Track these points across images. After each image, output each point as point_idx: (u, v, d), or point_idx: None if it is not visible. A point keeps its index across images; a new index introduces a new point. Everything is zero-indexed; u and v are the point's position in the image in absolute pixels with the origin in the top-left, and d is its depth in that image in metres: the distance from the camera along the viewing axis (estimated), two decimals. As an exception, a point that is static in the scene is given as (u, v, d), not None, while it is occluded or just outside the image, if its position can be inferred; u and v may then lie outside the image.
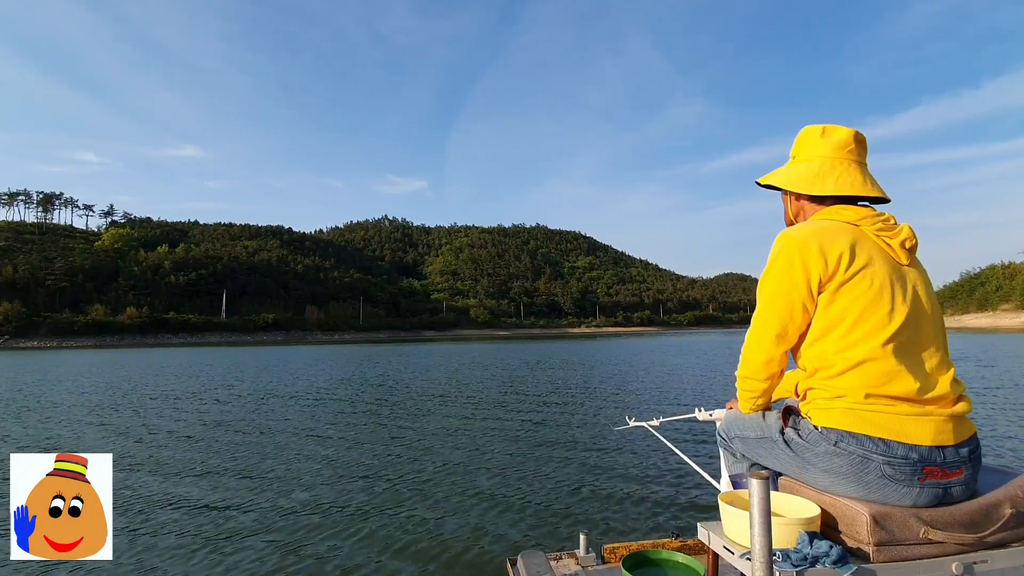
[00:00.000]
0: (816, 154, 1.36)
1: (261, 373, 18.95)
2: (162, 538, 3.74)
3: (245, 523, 4.01)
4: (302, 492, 4.76)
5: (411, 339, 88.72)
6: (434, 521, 3.99)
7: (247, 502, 4.50)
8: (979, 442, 1.22)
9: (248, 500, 4.55)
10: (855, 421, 1.15)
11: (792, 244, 1.23)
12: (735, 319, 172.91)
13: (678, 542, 2.22)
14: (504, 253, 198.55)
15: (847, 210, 1.29)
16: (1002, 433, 6.52)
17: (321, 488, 4.86)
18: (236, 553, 3.48)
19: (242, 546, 3.58)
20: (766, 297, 1.28)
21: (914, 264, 1.27)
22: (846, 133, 1.34)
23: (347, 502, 4.47)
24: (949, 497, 1.14)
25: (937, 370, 1.19)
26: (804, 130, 1.41)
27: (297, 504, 4.43)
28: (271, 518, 4.11)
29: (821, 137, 1.37)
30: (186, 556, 3.45)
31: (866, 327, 1.16)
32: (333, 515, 4.16)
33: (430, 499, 4.51)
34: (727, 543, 1.17)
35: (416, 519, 4.04)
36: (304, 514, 4.18)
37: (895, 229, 1.26)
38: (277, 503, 4.46)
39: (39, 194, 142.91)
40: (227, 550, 3.52)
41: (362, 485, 4.95)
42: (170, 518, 4.14)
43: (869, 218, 1.27)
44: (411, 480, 5.10)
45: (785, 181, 1.40)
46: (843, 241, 1.20)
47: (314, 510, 4.27)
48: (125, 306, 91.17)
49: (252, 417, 9.13)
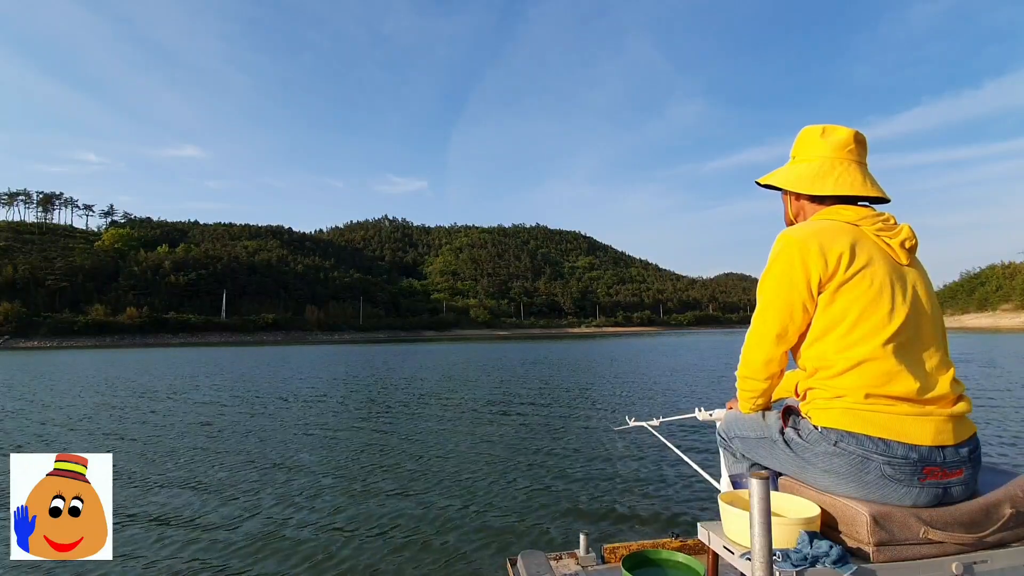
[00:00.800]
0: (816, 154, 1.36)
1: (261, 373, 18.95)
2: (162, 538, 3.74)
3: (245, 523, 4.01)
4: (301, 492, 4.76)
5: (411, 339, 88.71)
6: (434, 521, 3.99)
7: (247, 502, 4.50)
8: (979, 442, 1.22)
9: (248, 500, 4.55)
10: (855, 421, 1.14)
11: (792, 244, 1.22)
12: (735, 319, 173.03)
13: (678, 542, 2.21)
14: (504, 253, 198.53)
15: (847, 210, 1.28)
16: (1002, 433, 6.53)
17: (321, 488, 4.86)
18: (236, 553, 3.48)
19: (242, 546, 3.58)
20: (766, 297, 1.27)
21: (914, 264, 1.26)
22: (846, 133, 1.34)
23: (347, 502, 4.47)
24: (949, 497, 1.13)
25: (937, 370, 1.18)
26: (804, 130, 1.40)
27: (296, 504, 4.43)
28: (271, 518, 4.11)
29: (821, 137, 1.36)
30: (186, 556, 3.45)
31: (866, 327, 1.16)
32: (333, 515, 4.16)
33: (430, 499, 4.51)
34: (727, 543, 1.17)
35: (416, 519, 4.04)
36: (304, 514, 4.18)
37: (895, 229, 1.25)
38: (277, 502, 4.46)
39: (39, 194, 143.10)
40: (227, 550, 3.52)
41: (362, 485, 4.95)
42: (170, 518, 4.14)
43: (869, 218, 1.26)
44: (411, 480, 5.09)
45: (785, 181, 1.40)
46: (843, 241, 1.20)
47: (314, 510, 4.28)
48: (125, 306, 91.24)
49: (252, 417, 9.13)
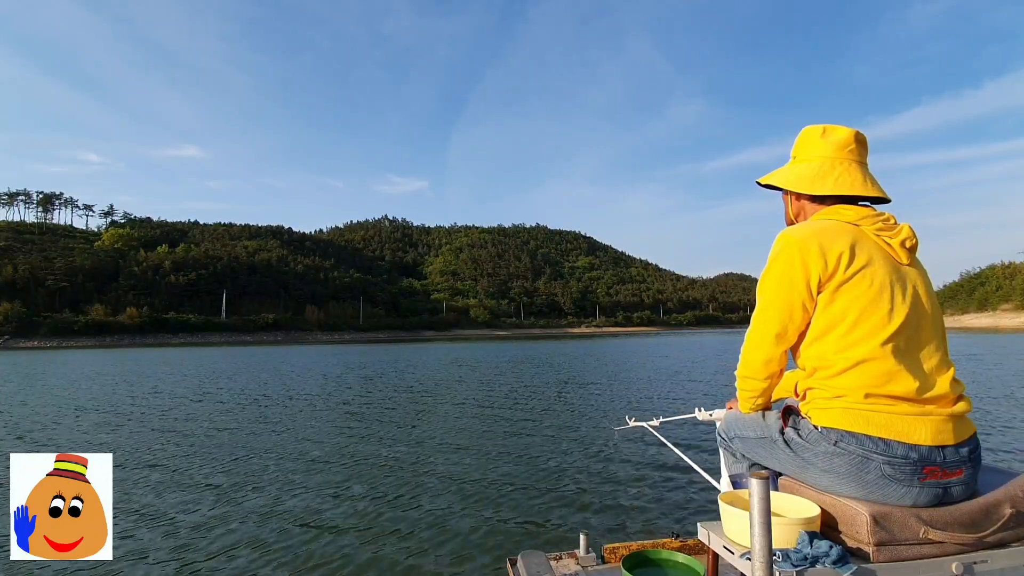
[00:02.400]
0: (816, 154, 1.36)
1: (261, 373, 18.95)
2: (162, 538, 3.74)
3: (245, 523, 4.01)
4: (301, 492, 4.76)
5: (411, 339, 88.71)
6: (434, 521, 3.99)
7: (247, 502, 4.50)
8: (979, 442, 1.22)
9: (248, 500, 4.55)
10: (855, 421, 1.15)
11: (792, 244, 1.23)
12: (735, 319, 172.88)
13: (678, 542, 2.21)
14: (504, 253, 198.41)
15: (847, 210, 1.29)
16: (1002, 433, 6.53)
17: (320, 488, 4.86)
18: (236, 552, 3.48)
19: (242, 546, 3.58)
20: (766, 297, 1.28)
21: (914, 264, 1.26)
22: (846, 133, 1.34)
23: (347, 502, 4.47)
24: (949, 497, 1.13)
25: (937, 370, 1.18)
26: (805, 130, 1.41)
27: (296, 505, 4.43)
28: (271, 517, 4.11)
29: (822, 137, 1.36)
30: (186, 556, 3.45)
31: (866, 327, 1.16)
32: (333, 515, 4.15)
33: (430, 499, 4.51)
34: (727, 543, 1.17)
35: (416, 519, 4.04)
36: (303, 515, 4.18)
37: (895, 229, 1.26)
38: (276, 502, 4.46)
39: (39, 194, 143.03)
40: (227, 550, 3.52)
41: (362, 485, 4.95)
42: (170, 518, 4.14)
43: (869, 218, 1.26)
44: (410, 480, 5.09)
45: (785, 181, 1.40)
46: (843, 241, 1.20)
47: (313, 511, 4.27)
48: (125, 306, 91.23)
49: (252, 417, 9.13)
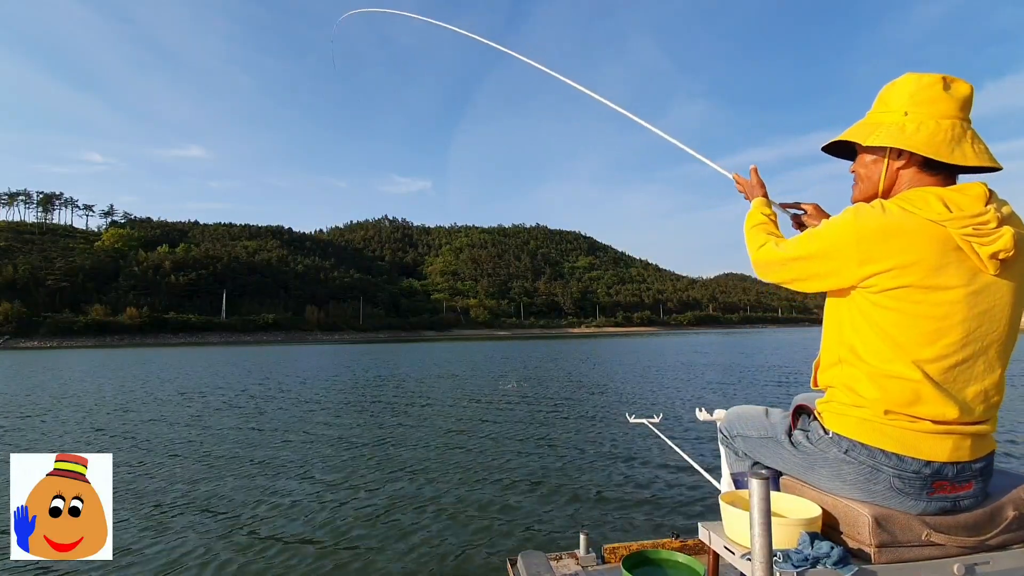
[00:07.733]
0: (938, 111, 1.07)
1: (261, 373, 18.94)
2: (162, 538, 3.73)
3: (245, 523, 4.00)
4: (301, 493, 4.75)
5: (411, 339, 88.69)
6: (434, 521, 3.99)
7: (247, 502, 4.49)
8: (994, 456, 1.15)
9: (248, 500, 4.55)
10: (871, 434, 1.08)
11: (862, 228, 1.03)
12: (735, 319, 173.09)
13: (678, 542, 2.20)
14: (504, 253, 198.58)
15: (960, 194, 1.04)
16: (1008, 435, 6.50)
17: (321, 489, 4.86)
18: (236, 552, 3.47)
19: (241, 546, 3.58)
20: (818, 242, 1.10)
21: (1006, 276, 1.03)
22: (969, 90, 1.08)
23: (347, 502, 4.46)
24: (957, 508, 1.10)
25: (980, 396, 1.06)
26: (915, 80, 1.10)
27: (296, 505, 4.42)
28: (270, 518, 4.10)
29: (945, 91, 1.07)
30: (186, 556, 3.44)
31: (906, 341, 1.03)
32: (333, 515, 4.15)
33: (430, 499, 4.50)
34: (728, 543, 1.17)
35: (416, 519, 4.04)
36: (303, 515, 4.18)
37: (990, 235, 0.99)
38: (276, 503, 4.45)
39: (39, 194, 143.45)
40: (227, 550, 3.52)
41: (362, 485, 4.94)
42: (170, 518, 4.13)
43: (959, 219, 1.00)
44: (411, 480, 5.09)
45: (910, 142, 1.07)
46: (919, 247, 1.00)
47: (314, 511, 4.27)
48: (125, 306, 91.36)
49: (252, 417, 9.12)
